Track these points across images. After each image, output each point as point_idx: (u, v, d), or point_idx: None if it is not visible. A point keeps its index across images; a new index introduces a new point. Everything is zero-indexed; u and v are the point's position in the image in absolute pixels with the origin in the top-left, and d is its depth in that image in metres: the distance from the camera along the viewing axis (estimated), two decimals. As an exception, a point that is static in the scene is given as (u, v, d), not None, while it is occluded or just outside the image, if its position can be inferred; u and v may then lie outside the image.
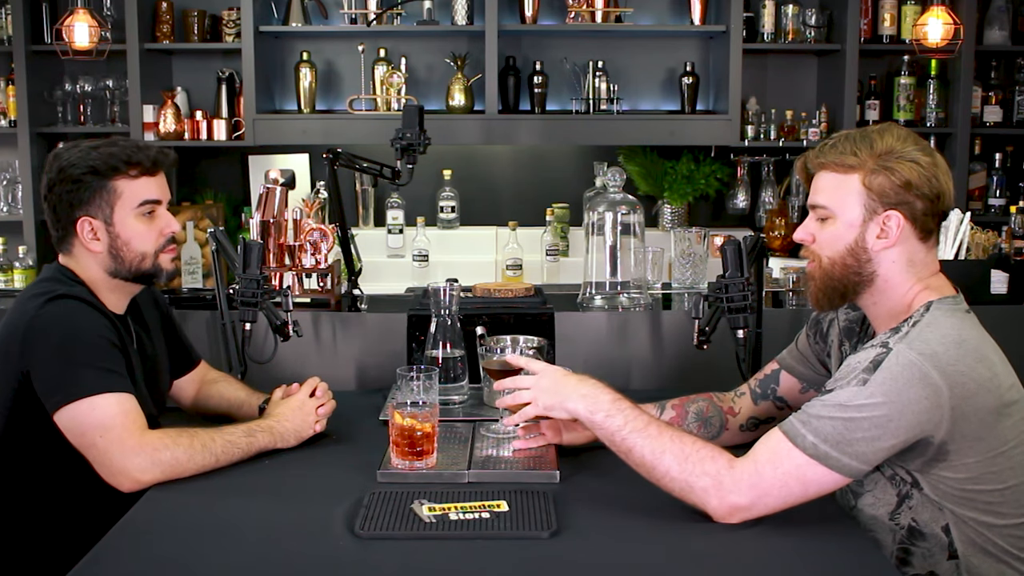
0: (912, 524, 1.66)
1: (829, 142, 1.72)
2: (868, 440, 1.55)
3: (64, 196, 1.92)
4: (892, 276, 1.69)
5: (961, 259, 2.93)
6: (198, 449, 1.80)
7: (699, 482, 1.60)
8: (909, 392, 1.55)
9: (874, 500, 1.69)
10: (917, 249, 1.69)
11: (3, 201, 4.39)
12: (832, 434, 1.56)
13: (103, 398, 1.79)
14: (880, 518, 1.69)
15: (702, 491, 1.60)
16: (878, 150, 1.66)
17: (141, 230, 1.95)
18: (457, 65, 4.30)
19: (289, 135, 4.28)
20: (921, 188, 1.64)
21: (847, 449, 1.55)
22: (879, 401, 1.55)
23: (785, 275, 3.14)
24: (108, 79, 4.35)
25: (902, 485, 1.66)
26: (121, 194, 1.93)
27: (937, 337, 1.59)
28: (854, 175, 1.67)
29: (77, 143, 1.97)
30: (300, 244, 2.74)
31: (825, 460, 1.56)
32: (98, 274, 1.97)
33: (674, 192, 4.37)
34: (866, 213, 1.67)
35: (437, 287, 2.23)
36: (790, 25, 4.34)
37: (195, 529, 1.61)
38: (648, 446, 1.65)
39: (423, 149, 2.89)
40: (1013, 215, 3.69)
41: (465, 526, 1.57)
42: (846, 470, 1.56)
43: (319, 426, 2.01)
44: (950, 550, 1.64)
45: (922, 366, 1.56)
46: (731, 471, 1.60)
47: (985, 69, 4.46)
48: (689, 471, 1.61)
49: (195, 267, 3.40)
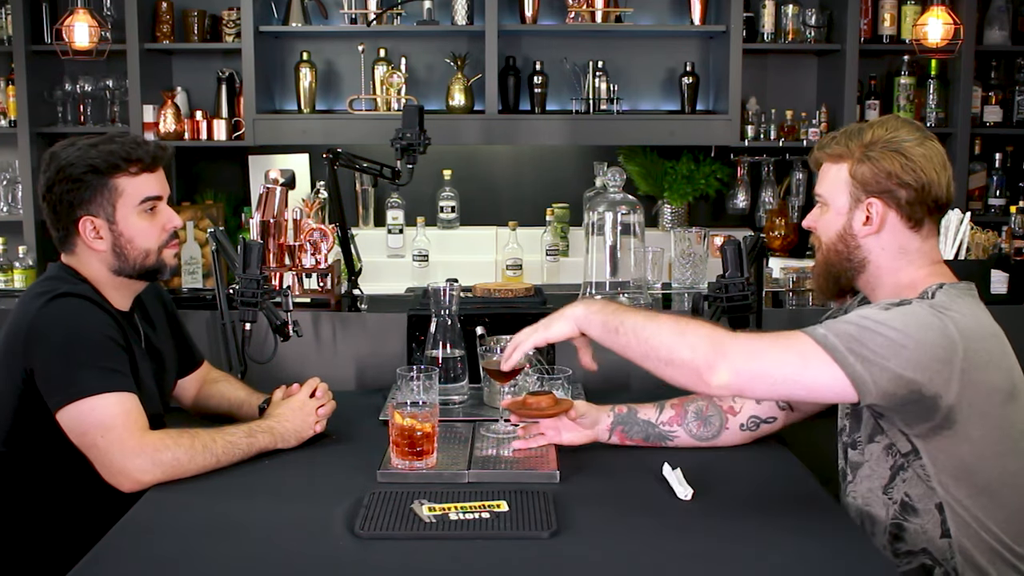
0: (905, 499, 1.67)
1: (832, 134, 1.79)
2: (878, 356, 1.54)
3: (64, 196, 1.91)
4: (883, 263, 1.73)
5: (961, 259, 2.93)
6: (199, 450, 1.80)
7: (692, 336, 1.58)
8: (927, 333, 1.56)
9: (870, 472, 1.71)
10: (910, 238, 1.72)
11: (3, 201, 4.39)
12: (844, 333, 1.56)
13: (104, 398, 1.79)
14: (874, 491, 1.71)
15: (693, 344, 1.57)
16: (865, 140, 1.72)
17: (144, 227, 1.95)
18: (457, 65, 4.30)
19: (289, 135, 4.28)
20: (903, 177, 1.68)
21: (856, 350, 1.54)
22: (897, 327, 1.56)
23: (785, 275, 3.14)
24: (108, 79, 4.35)
25: (897, 456, 1.67)
26: (123, 192, 1.93)
27: (957, 307, 1.62)
28: (843, 164, 1.74)
29: (73, 141, 1.95)
30: (300, 244, 2.74)
31: (832, 351, 1.54)
32: (102, 272, 1.96)
33: (674, 192, 4.37)
34: (851, 201, 1.73)
35: (437, 287, 2.23)
36: (790, 25, 4.34)
37: (195, 529, 1.61)
38: (642, 314, 1.66)
39: (423, 149, 2.89)
40: (1013, 215, 3.69)
41: (465, 526, 1.57)
42: (850, 369, 1.54)
43: (319, 426, 2.01)
44: (943, 528, 1.65)
45: (943, 319, 1.58)
46: (731, 333, 1.59)
47: (985, 69, 4.46)
48: (683, 327, 1.60)
49: (195, 267, 3.39)
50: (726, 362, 1.55)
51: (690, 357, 1.57)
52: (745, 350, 1.57)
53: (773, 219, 4.17)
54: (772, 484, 1.80)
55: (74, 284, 1.92)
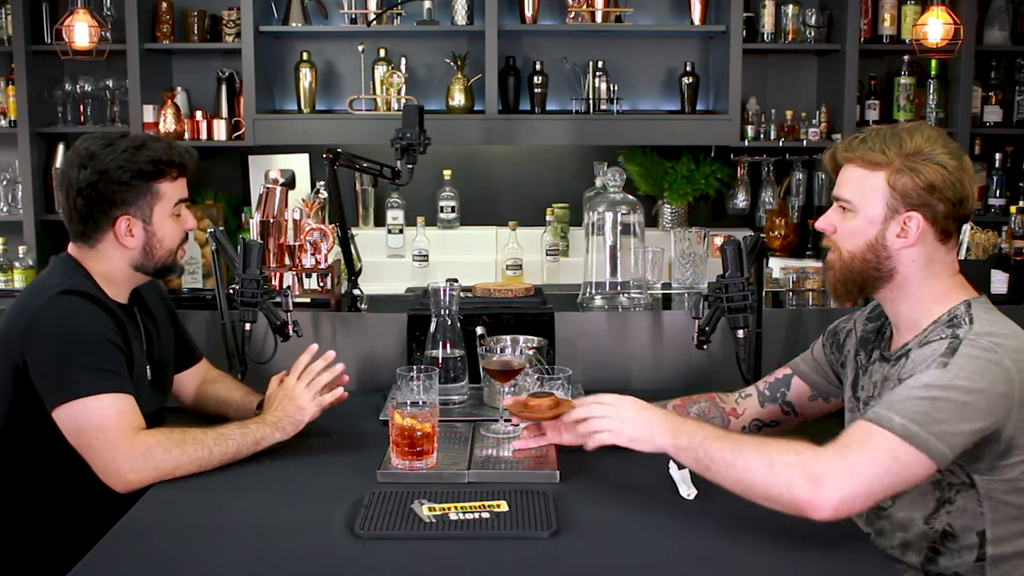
0: (947, 529, 1.66)
1: (860, 136, 1.73)
2: (951, 422, 1.52)
3: (107, 195, 1.94)
4: (912, 274, 1.70)
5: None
6: (189, 443, 1.81)
7: (783, 469, 1.52)
8: (988, 375, 1.54)
9: (911, 502, 1.68)
10: (937, 250, 1.69)
11: (3, 201, 4.39)
12: (919, 414, 1.52)
13: (100, 399, 1.79)
14: (915, 520, 1.68)
15: (786, 479, 1.51)
16: (906, 150, 1.66)
17: (172, 228, 2.03)
18: (457, 65, 4.30)
19: (289, 135, 4.28)
20: (944, 192, 1.65)
21: (934, 429, 1.51)
22: (962, 384, 1.53)
23: (785, 275, 3.14)
24: (108, 79, 4.35)
25: (947, 490, 1.65)
26: (163, 196, 1.99)
27: (998, 329, 1.61)
28: (880, 172, 1.68)
29: (110, 140, 1.97)
30: (300, 244, 2.74)
31: (915, 440, 1.51)
32: (120, 266, 1.99)
33: (674, 192, 4.36)
34: (888, 211, 1.68)
35: (437, 287, 2.23)
36: (790, 25, 4.34)
37: (195, 529, 1.61)
38: (727, 447, 1.59)
39: (423, 149, 2.89)
40: (1013, 215, 3.68)
41: (465, 526, 1.57)
42: (934, 452, 1.51)
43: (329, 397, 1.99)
44: (978, 552, 1.64)
45: (996, 352, 1.56)
46: (817, 454, 1.52)
47: (985, 69, 4.46)
48: (771, 459, 1.54)
49: (195, 267, 3.39)
50: (825, 493, 1.49)
51: (788, 496, 1.51)
52: (839, 474, 1.50)
53: (773, 219, 4.17)
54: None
55: (77, 280, 1.94)
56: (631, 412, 1.72)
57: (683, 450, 1.65)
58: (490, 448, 1.94)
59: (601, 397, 1.78)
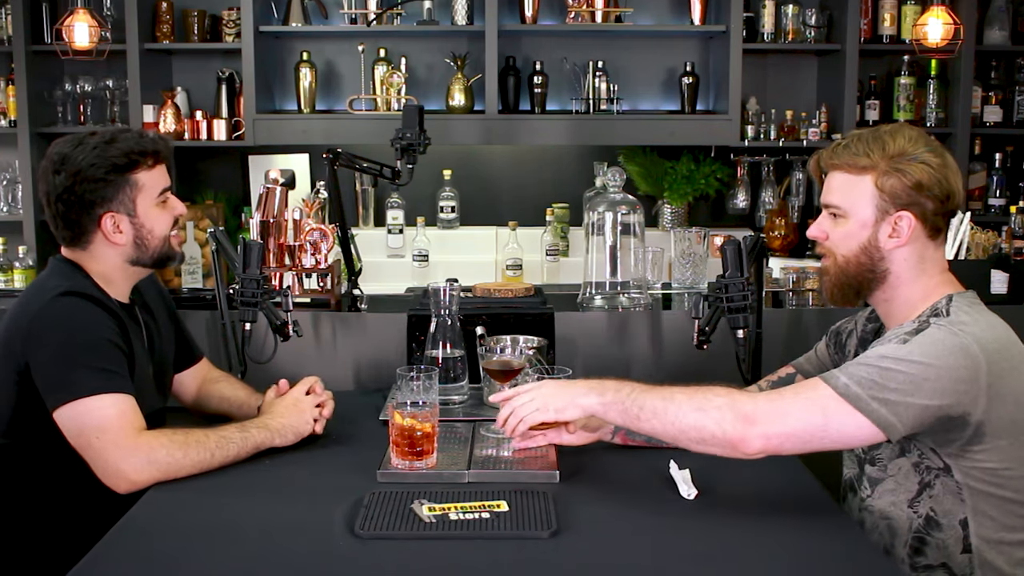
0: (930, 514, 1.67)
1: (842, 142, 1.75)
2: (901, 393, 1.55)
3: (86, 196, 1.92)
4: (903, 273, 1.73)
5: (961, 259, 2.93)
6: (192, 445, 1.81)
7: (714, 411, 1.60)
8: (949, 359, 1.57)
9: (895, 486, 1.71)
10: (927, 247, 1.72)
11: (3, 201, 4.39)
12: (865, 379, 1.57)
13: (101, 399, 1.79)
14: (899, 504, 1.70)
15: (718, 419, 1.60)
16: (890, 152, 1.69)
17: (160, 216, 2.00)
18: (457, 65, 4.30)
19: (289, 135, 4.28)
20: (932, 189, 1.68)
21: (878, 395, 1.56)
22: (917, 360, 1.57)
23: (785, 275, 3.14)
24: (108, 79, 4.35)
25: (926, 473, 1.67)
26: (143, 186, 1.96)
27: (973, 319, 1.63)
28: (867, 176, 1.71)
29: (80, 139, 1.96)
30: (300, 244, 2.74)
31: (855, 401, 1.56)
32: (115, 264, 1.99)
33: (674, 192, 4.36)
34: (878, 213, 1.71)
35: (437, 287, 2.23)
36: (790, 25, 4.34)
37: (195, 529, 1.61)
38: (657, 396, 1.66)
39: (423, 149, 2.89)
40: (1013, 215, 3.69)
41: (465, 526, 1.57)
42: (874, 415, 1.56)
43: (319, 426, 2.01)
44: (965, 543, 1.65)
45: (963, 339, 1.58)
46: (748, 396, 1.62)
47: (985, 69, 4.46)
48: (702, 403, 1.62)
49: (195, 267, 3.39)
50: (754, 430, 1.58)
51: (720, 433, 1.60)
52: (769, 413, 1.59)
53: (773, 219, 4.17)
54: (773, 486, 1.80)
55: (77, 281, 1.93)
56: (551, 387, 1.80)
57: (610, 405, 1.71)
58: (490, 448, 1.94)
59: (519, 388, 1.84)
